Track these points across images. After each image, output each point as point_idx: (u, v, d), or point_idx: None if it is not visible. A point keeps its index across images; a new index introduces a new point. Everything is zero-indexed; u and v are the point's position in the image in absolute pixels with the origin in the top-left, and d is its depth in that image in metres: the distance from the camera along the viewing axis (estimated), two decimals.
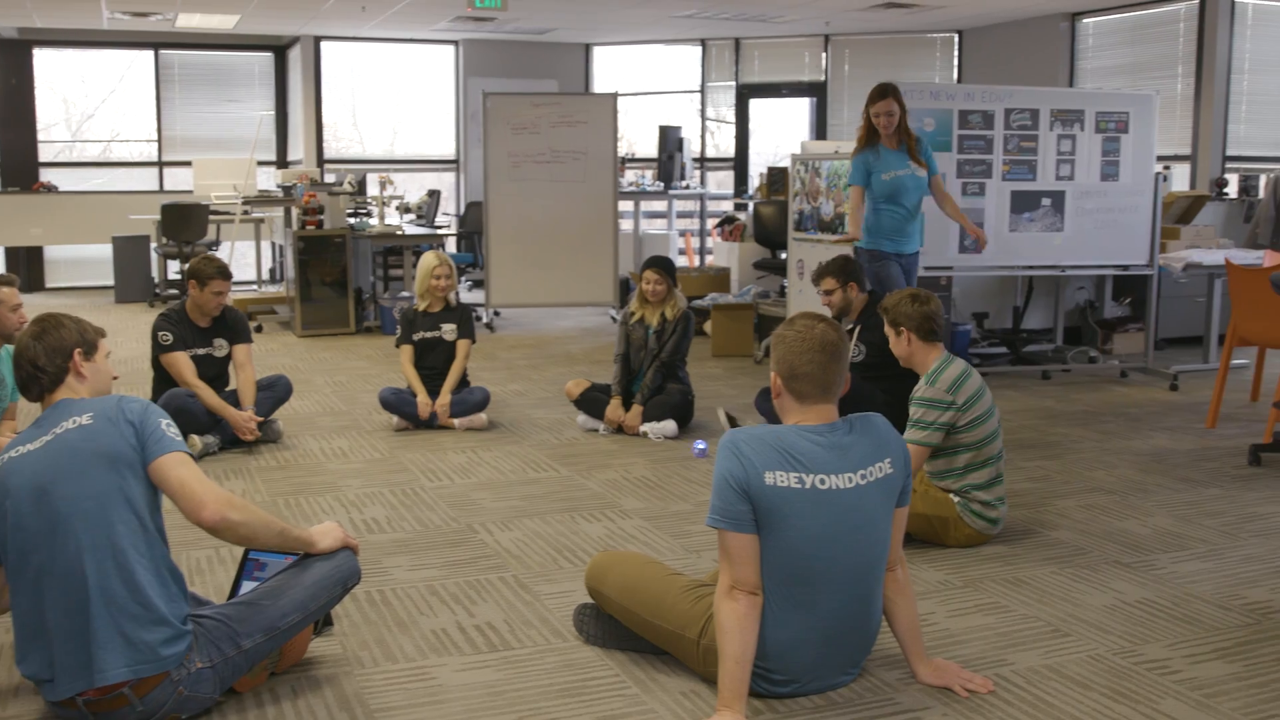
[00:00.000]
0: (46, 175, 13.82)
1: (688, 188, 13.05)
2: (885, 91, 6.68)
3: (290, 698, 3.35)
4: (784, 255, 9.41)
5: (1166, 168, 10.59)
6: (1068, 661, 3.59)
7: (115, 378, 3.48)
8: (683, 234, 14.34)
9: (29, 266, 13.66)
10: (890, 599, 3.36)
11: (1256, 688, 3.41)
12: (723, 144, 15.73)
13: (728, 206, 14.38)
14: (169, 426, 3.14)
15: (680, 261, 13.81)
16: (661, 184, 12.75)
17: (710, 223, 13.56)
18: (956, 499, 4.61)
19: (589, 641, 3.70)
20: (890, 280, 6.63)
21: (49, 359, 3.23)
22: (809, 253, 8.38)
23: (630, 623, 3.55)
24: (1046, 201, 8.29)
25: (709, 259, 13.24)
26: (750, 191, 13.33)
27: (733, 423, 6.37)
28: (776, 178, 11.19)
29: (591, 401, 6.77)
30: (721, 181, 15.63)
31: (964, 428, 4.53)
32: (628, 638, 3.61)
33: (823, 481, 3.13)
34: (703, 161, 15.50)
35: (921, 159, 6.78)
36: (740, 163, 15.31)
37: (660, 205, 14.12)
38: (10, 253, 13.60)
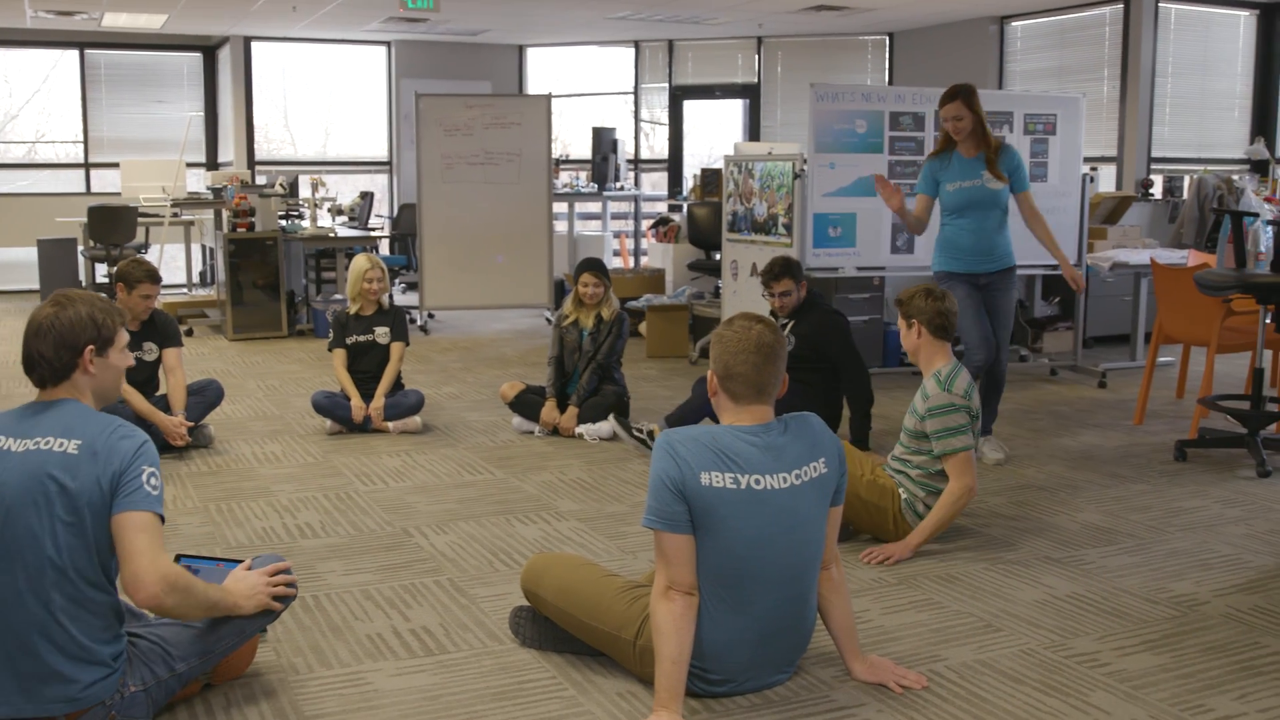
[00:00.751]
0: None
1: (622, 189, 13.06)
2: (954, 94, 6.01)
3: (224, 708, 3.31)
4: (718, 256, 9.44)
5: (1094, 169, 10.76)
6: (1000, 656, 3.63)
7: (131, 366, 3.27)
8: (617, 235, 14.35)
9: None
10: (825, 597, 3.39)
11: (1183, 678, 3.47)
12: (657, 145, 15.77)
13: (662, 208, 14.41)
14: (152, 478, 2.93)
15: (615, 263, 13.82)
16: (596, 185, 12.75)
17: (645, 224, 13.58)
18: (904, 494, 4.63)
19: (525, 644, 3.69)
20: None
21: (56, 352, 2.98)
22: (743, 253, 8.42)
23: (567, 624, 3.55)
24: None
25: (644, 260, 13.26)
26: (684, 193, 13.36)
27: (635, 432, 6.35)
28: (710, 179, 11.23)
29: (527, 404, 6.75)
30: (656, 183, 15.66)
31: None
32: (564, 640, 3.61)
33: (758, 482, 3.15)
34: (637, 163, 15.52)
35: (1002, 171, 6.03)
36: (674, 164, 15.35)
37: (595, 207, 14.12)
38: None
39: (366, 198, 12.78)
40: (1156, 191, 11.30)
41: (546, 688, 3.43)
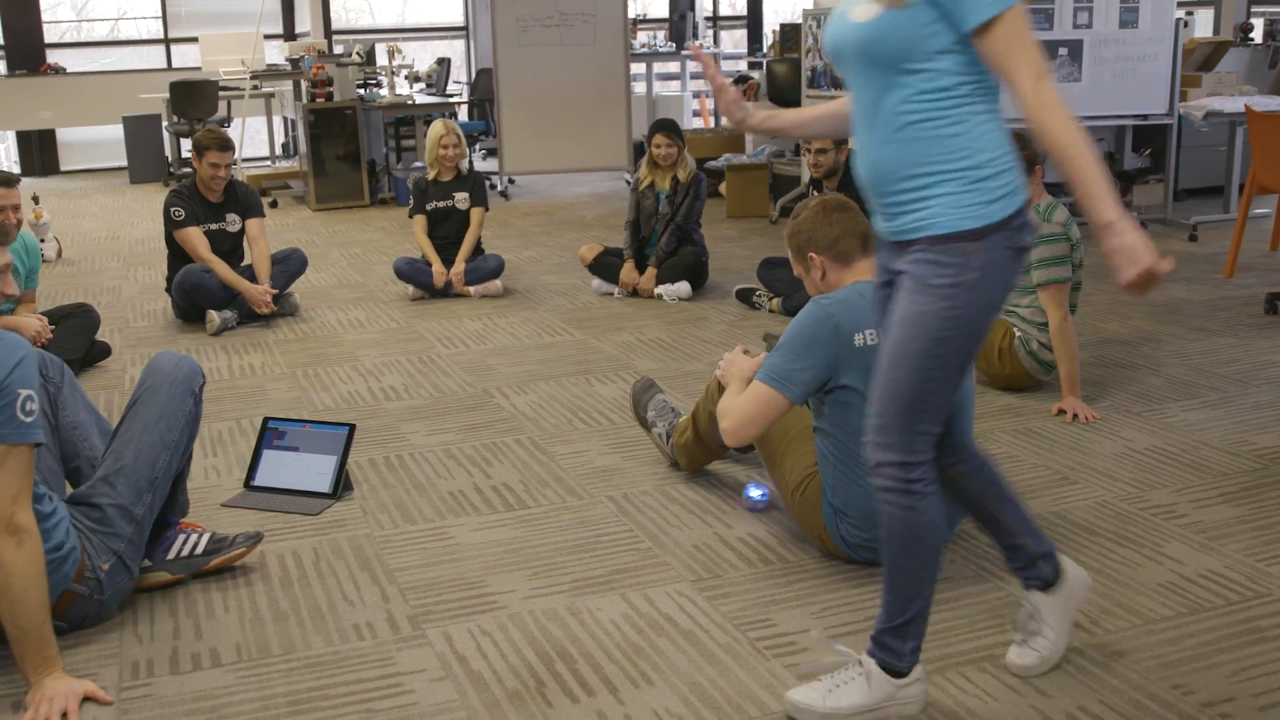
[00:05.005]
0: (54, 56, 13.66)
1: (701, 47, 12.84)
2: None
3: (313, 563, 3.43)
4: None
5: (1189, 13, 10.36)
6: (1075, 508, 3.64)
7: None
8: (696, 95, 14.16)
9: (42, 150, 13.60)
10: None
11: (1260, 529, 3.46)
12: (736, 1, 15.45)
13: (741, 66, 14.18)
14: (28, 402, 2.66)
15: (694, 123, 13.67)
16: (674, 44, 12.56)
17: None
18: (1018, 331, 4.63)
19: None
20: None
21: None
22: None
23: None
24: (1063, 51, 8.13)
25: (723, 120, 13.10)
26: (764, 50, 13.13)
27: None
28: (790, 34, 11.00)
29: (605, 266, 6.77)
30: (735, 40, 15.38)
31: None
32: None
33: None
34: (715, 20, 15.24)
35: None
36: (753, 20, 15.04)
37: (673, 66, 13.92)
38: (22, 137, 13.53)
39: (444, 64, 12.71)
40: (1257, 36, 10.87)
41: (623, 540, 3.51)
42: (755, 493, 3.68)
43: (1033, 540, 2.70)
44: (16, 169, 13.28)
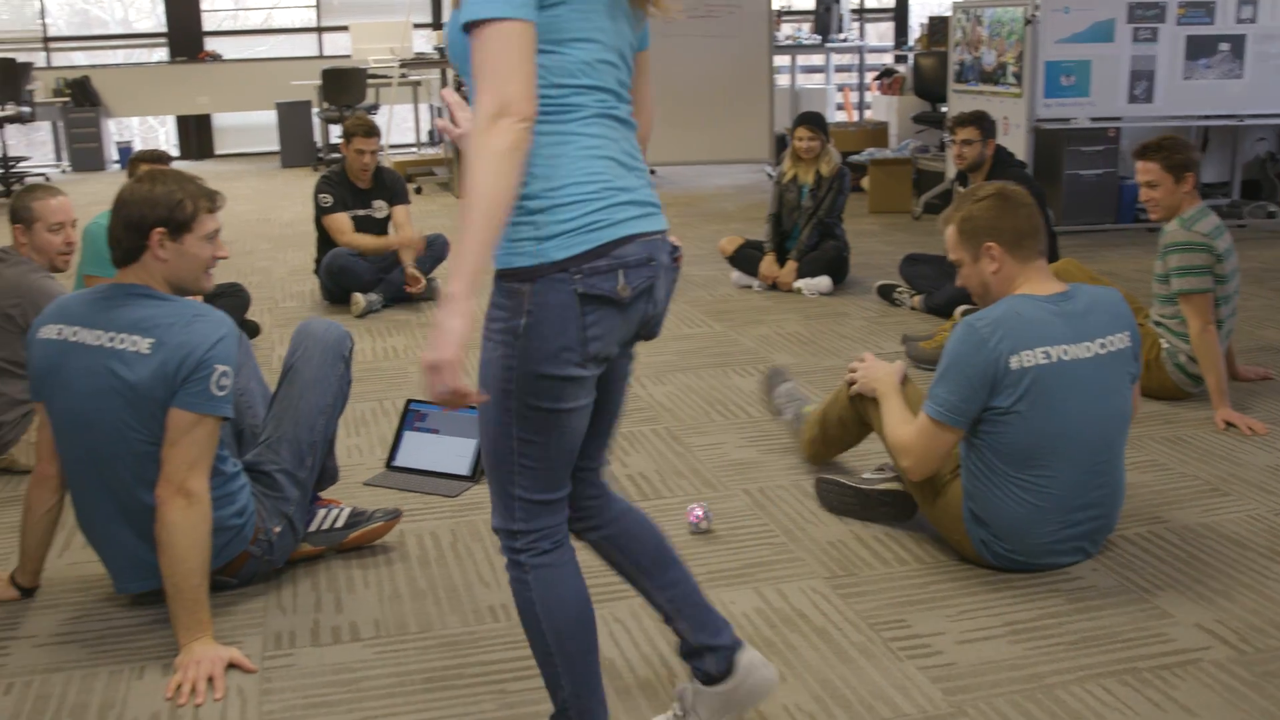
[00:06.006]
0: (211, 44, 14.12)
1: (846, 40, 12.73)
2: None
3: (449, 539, 3.49)
4: (944, 108, 9.16)
5: None
6: (1225, 520, 3.52)
7: (222, 258, 3.01)
8: (840, 88, 14.03)
9: (198, 134, 14.06)
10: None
11: None
12: None
13: (887, 59, 14.01)
14: (223, 378, 2.81)
15: (838, 116, 13.54)
16: (819, 37, 12.45)
17: (869, 76, 13.24)
18: (1165, 344, 4.50)
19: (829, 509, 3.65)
20: None
21: (125, 230, 2.87)
22: (970, 105, 8.13)
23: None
24: (1225, 46, 7.86)
25: (867, 113, 12.96)
26: (910, 43, 12.95)
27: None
28: (938, 28, 10.84)
29: (745, 258, 6.75)
30: (882, 33, 15.20)
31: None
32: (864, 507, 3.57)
33: (1065, 353, 3.05)
34: (862, 13, 15.06)
35: None
36: (901, 13, 14.84)
37: (818, 59, 13.80)
38: (181, 121, 14.01)
39: None
40: None
41: (758, 534, 3.49)
42: (697, 513, 3.53)
43: (693, 628, 2.37)
44: (175, 152, 13.74)
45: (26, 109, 11.91)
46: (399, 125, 13.72)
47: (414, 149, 13.84)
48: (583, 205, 2.00)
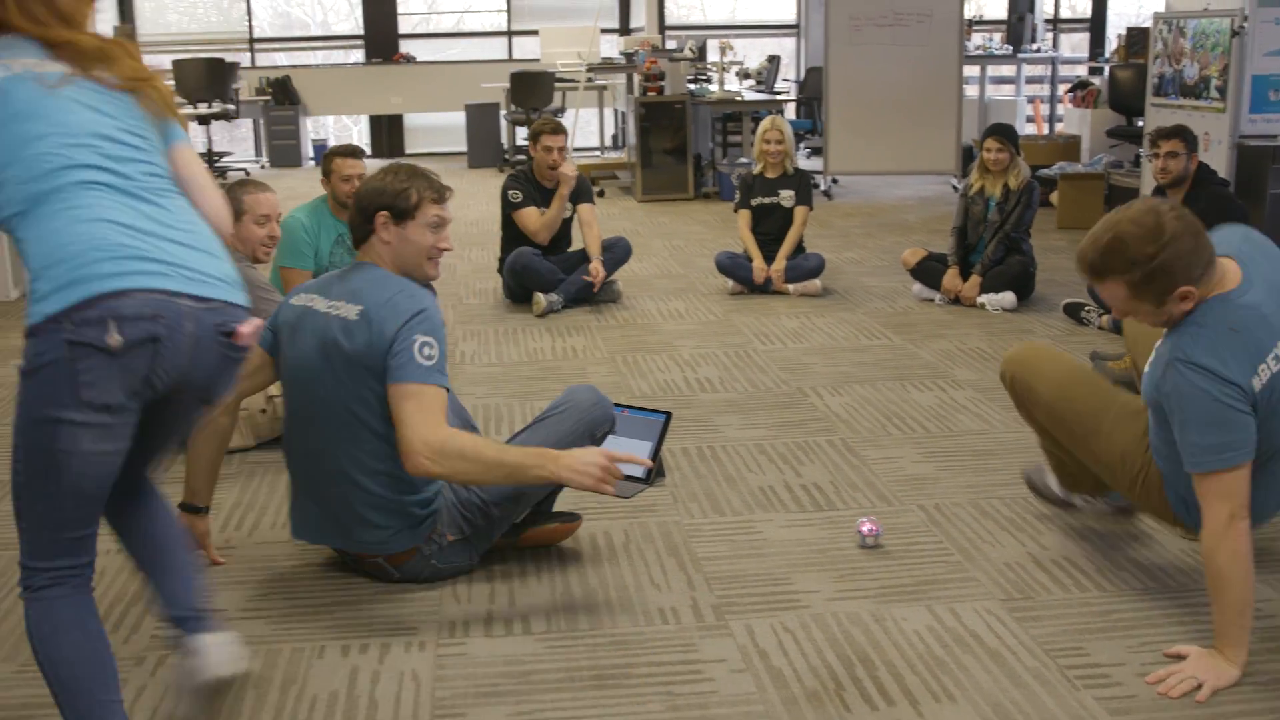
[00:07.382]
0: (405, 46, 14.52)
1: (1039, 51, 12.42)
2: None
3: (622, 545, 3.52)
4: (1140, 123, 8.86)
5: None
6: None
7: (445, 249, 3.18)
8: (1031, 100, 13.69)
9: (390, 134, 14.48)
10: None
11: None
12: (1078, 3, 14.85)
13: (1081, 71, 13.61)
14: (425, 348, 2.96)
15: (1028, 129, 13.23)
16: (1010, 47, 12.19)
17: (1061, 88, 12.89)
18: None
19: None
20: None
21: (359, 214, 3.13)
22: (1169, 120, 7.85)
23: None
24: None
25: (1058, 126, 12.62)
26: (1107, 54, 12.57)
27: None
28: (1136, 39, 10.50)
29: (928, 271, 6.64)
30: (1076, 44, 14.78)
31: None
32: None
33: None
34: (1056, 23, 14.69)
35: None
36: (1097, 23, 14.40)
37: (1009, 70, 13.49)
38: (374, 121, 14.45)
39: (774, 61, 12.76)
40: None
41: (932, 552, 3.44)
42: (868, 525, 3.47)
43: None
44: (367, 149, 14.18)
45: (232, 106, 12.46)
46: (584, 129, 13.91)
47: (597, 153, 14.00)
48: (57, 268, 2.18)
